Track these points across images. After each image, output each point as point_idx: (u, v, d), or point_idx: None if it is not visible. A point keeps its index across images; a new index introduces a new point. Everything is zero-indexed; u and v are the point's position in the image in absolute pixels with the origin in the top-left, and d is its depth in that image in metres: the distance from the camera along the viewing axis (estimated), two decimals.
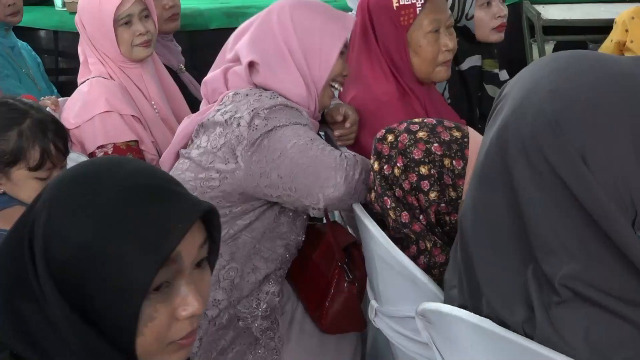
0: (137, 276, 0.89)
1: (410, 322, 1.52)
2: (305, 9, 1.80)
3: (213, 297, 1.73)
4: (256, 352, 1.78)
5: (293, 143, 1.64)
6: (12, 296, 0.94)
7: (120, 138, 2.24)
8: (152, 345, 0.94)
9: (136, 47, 2.31)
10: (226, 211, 1.72)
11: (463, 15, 2.18)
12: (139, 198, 0.93)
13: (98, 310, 0.90)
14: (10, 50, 3.18)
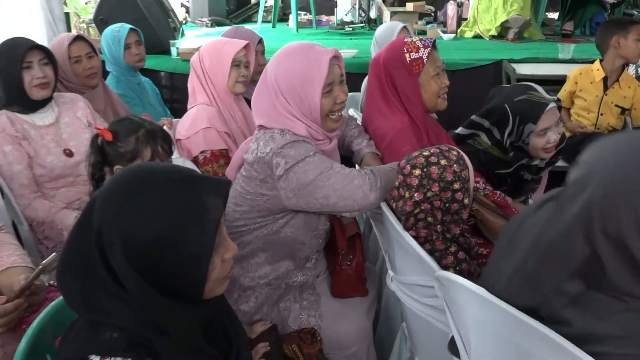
0: (203, 245, 0.91)
1: (416, 288, 1.51)
2: (284, 64, 1.62)
3: (265, 272, 1.71)
4: (301, 303, 1.75)
5: (316, 174, 1.54)
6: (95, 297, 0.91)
7: (215, 146, 2.25)
8: (213, 284, 0.96)
9: (238, 83, 2.35)
10: (270, 217, 1.66)
11: (520, 139, 1.98)
12: (183, 186, 0.92)
13: (174, 278, 0.90)
14: (137, 86, 3.23)
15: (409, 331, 1.74)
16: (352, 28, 6.07)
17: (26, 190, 2.13)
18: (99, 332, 0.91)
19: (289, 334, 1.68)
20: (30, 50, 2.16)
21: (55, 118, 2.28)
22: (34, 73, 2.15)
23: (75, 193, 2.24)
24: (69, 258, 0.94)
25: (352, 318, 1.77)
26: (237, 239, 1.69)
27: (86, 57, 2.66)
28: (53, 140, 2.22)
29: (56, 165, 2.19)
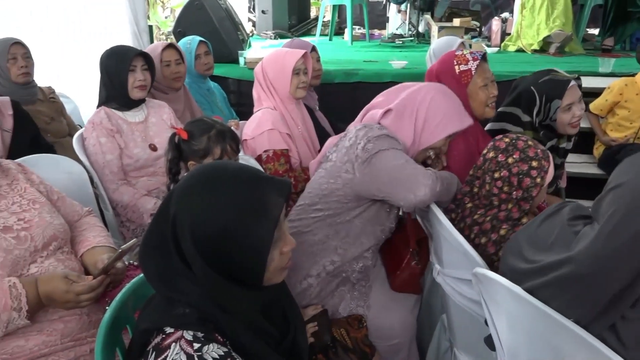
0: (262, 240, 0.92)
1: (461, 281, 1.48)
2: (443, 96, 1.73)
3: (331, 259, 1.70)
4: (352, 294, 1.74)
5: (393, 163, 1.59)
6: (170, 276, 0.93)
7: (277, 146, 2.30)
8: (271, 274, 0.97)
9: (299, 89, 2.40)
10: (345, 204, 1.69)
11: (548, 117, 1.99)
12: (249, 184, 0.93)
13: (236, 267, 0.92)
14: (207, 91, 3.28)
15: (449, 323, 1.70)
16: (402, 41, 6.01)
17: (115, 177, 2.21)
18: (173, 307, 0.93)
19: (337, 319, 1.67)
20: (136, 56, 2.25)
21: (144, 117, 2.36)
22: (136, 76, 2.24)
23: (155, 182, 2.30)
24: (149, 240, 0.97)
25: (398, 312, 1.75)
26: (311, 224, 1.72)
27: (175, 62, 2.75)
28: (141, 135, 2.30)
29: (141, 156, 2.26)
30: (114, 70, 2.26)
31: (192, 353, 0.86)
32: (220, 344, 0.90)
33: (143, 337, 0.94)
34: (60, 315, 1.33)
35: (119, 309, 1.10)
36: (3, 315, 1.19)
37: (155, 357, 0.88)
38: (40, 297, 1.26)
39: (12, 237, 1.31)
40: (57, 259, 1.39)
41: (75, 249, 1.52)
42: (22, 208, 1.39)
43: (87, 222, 1.61)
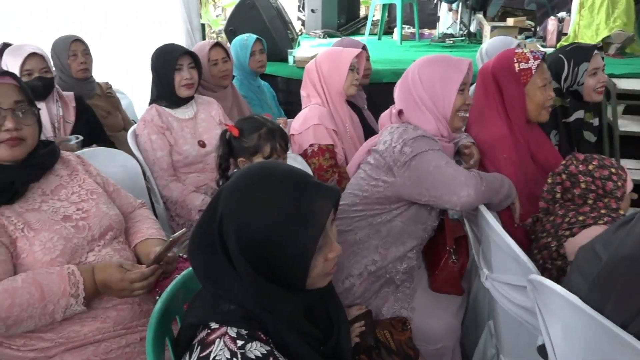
0: (306, 246, 0.90)
1: (510, 287, 1.44)
2: (428, 65, 1.69)
3: (373, 258, 1.69)
4: (396, 295, 1.72)
5: (434, 165, 1.56)
6: (217, 273, 0.94)
7: (323, 141, 2.33)
8: (315, 279, 0.96)
9: (352, 85, 2.44)
10: (386, 206, 1.68)
11: (575, 82, 2.09)
12: (296, 190, 0.92)
13: (279, 271, 0.91)
14: (257, 89, 3.32)
15: (496, 329, 1.66)
16: (452, 41, 5.89)
17: (165, 173, 2.27)
18: (219, 303, 0.94)
19: (381, 320, 1.66)
20: (182, 55, 2.30)
21: (194, 114, 2.41)
22: (183, 74, 2.29)
23: (204, 179, 2.35)
24: (198, 236, 0.98)
25: (442, 316, 1.72)
26: (352, 224, 1.72)
27: (222, 60, 2.79)
28: (190, 132, 2.35)
29: (190, 153, 2.31)
30: (161, 69, 2.32)
31: (235, 350, 0.87)
32: (263, 342, 0.90)
33: (189, 330, 0.95)
34: (114, 303, 1.37)
35: (169, 300, 1.12)
36: (62, 300, 1.24)
37: (200, 352, 0.89)
38: (97, 285, 1.30)
39: (72, 226, 1.37)
40: (113, 249, 1.44)
41: (129, 240, 1.56)
42: (80, 198, 1.45)
43: (140, 214, 1.65)
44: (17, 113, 1.31)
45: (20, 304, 1.19)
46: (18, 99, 1.32)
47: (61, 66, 2.80)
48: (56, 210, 1.38)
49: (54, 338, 1.30)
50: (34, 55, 2.45)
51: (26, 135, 1.34)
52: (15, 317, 1.19)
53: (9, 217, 1.29)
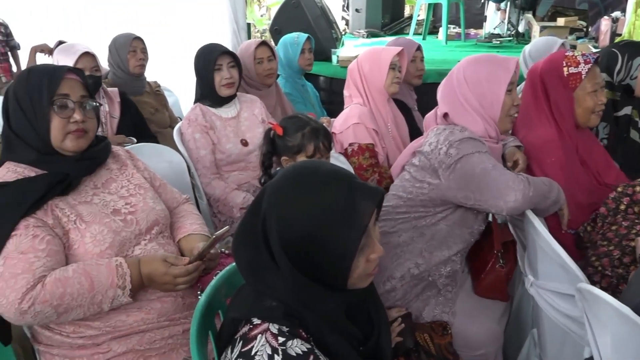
0: (348, 246, 0.90)
1: (556, 295, 1.40)
2: (473, 65, 1.64)
3: (416, 261, 1.66)
4: (437, 299, 1.69)
5: (480, 168, 1.51)
6: (260, 270, 0.95)
7: (363, 140, 2.33)
8: (356, 280, 0.96)
9: (393, 84, 2.43)
10: (430, 209, 1.66)
11: (628, 76, 2.06)
12: (339, 190, 0.91)
13: (320, 270, 0.91)
14: (301, 87, 3.35)
15: (540, 338, 1.61)
16: (499, 41, 5.76)
17: (208, 171, 2.31)
18: (261, 299, 0.95)
19: (421, 324, 1.64)
20: (221, 54, 2.33)
21: (236, 113, 2.44)
22: (222, 74, 2.33)
23: (246, 177, 2.38)
24: (242, 232, 0.99)
25: (485, 322, 1.68)
26: (396, 225, 1.70)
27: (267, 59, 2.82)
28: (233, 131, 2.38)
29: (233, 152, 2.34)
30: (202, 69, 2.36)
31: (276, 346, 0.87)
32: (304, 340, 0.90)
33: (232, 325, 0.97)
34: (158, 295, 1.41)
35: (213, 295, 1.15)
36: (109, 291, 1.29)
37: (242, 347, 0.90)
38: (142, 277, 1.34)
39: (120, 220, 1.41)
40: (158, 243, 1.48)
41: (173, 235, 1.60)
42: (129, 192, 1.49)
43: (184, 210, 1.69)
44: (84, 106, 1.39)
45: (71, 293, 1.24)
46: (83, 93, 1.39)
47: (119, 61, 2.92)
48: (106, 204, 1.42)
49: (102, 326, 1.35)
50: (85, 54, 2.58)
51: (89, 128, 1.40)
52: (66, 305, 1.24)
53: (63, 209, 1.34)
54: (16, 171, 1.34)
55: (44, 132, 1.33)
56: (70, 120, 1.35)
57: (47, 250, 1.26)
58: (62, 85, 1.34)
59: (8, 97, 1.36)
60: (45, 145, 1.35)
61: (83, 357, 1.34)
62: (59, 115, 1.34)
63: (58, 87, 1.34)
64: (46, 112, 1.32)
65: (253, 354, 0.88)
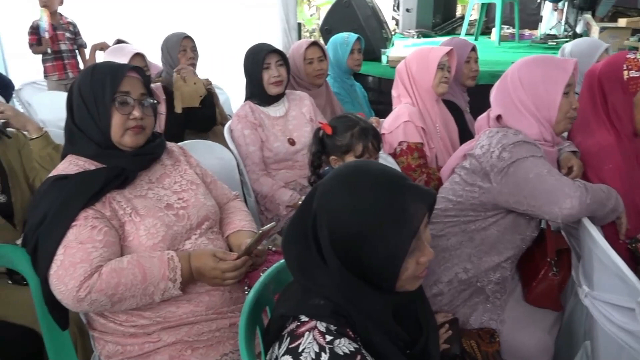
0: (398, 248, 0.89)
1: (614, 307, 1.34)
2: (529, 66, 1.60)
3: (464, 266, 1.65)
4: (485, 306, 1.65)
5: (535, 173, 1.46)
6: (309, 268, 0.95)
7: (412, 139, 2.30)
8: (404, 282, 0.95)
9: (441, 84, 2.38)
10: (481, 213, 1.63)
11: None
12: (391, 191, 0.90)
13: (369, 271, 0.91)
14: (350, 87, 3.35)
15: (593, 352, 1.55)
16: (555, 42, 5.57)
17: (256, 168, 2.34)
18: (309, 297, 0.95)
19: (468, 330, 1.61)
20: (269, 53, 2.37)
21: (285, 111, 2.46)
22: (271, 72, 2.36)
23: (292, 175, 2.40)
24: (292, 229, 1.00)
25: (535, 331, 1.63)
26: (445, 229, 1.68)
27: (317, 59, 2.84)
28: (281, 130, 2.41)
29: (280, 150, 2.37)
30: (250, 68, 2.40)
31: (323, 344, 0.88)
32: (351, 339, 0.90)
33: (279, 321, 0.97)
34: (207, 289, 1.44)
35: (261, 291, 1.16)
36: (161, 283, 1.33)
37: (290, 343, 0.91)
38: (192, 271, 1.38)
39: (173, 214, 1.45)
40: (207, 238, 1.51)
41: (222, 230, 1.63)
42: (181, 188, 1.53)
43: (234, 206, 1.72)
44: (143, 103, 1.44)
45: (125, 284, 1.29)
46: (143, 91, 1.44)
47: (171, 60, 3.00)
48: (160, 198, 1.47)
49: (152, 317, 1.39)
50: (136, 55, 2.68)
51: (147, 125, 1.45)
52: (120, 295, 1.29)
53: (120, 202, 1.39)
54: (77, 164, 1.40)
55: (105, 127, 1.39)
56: (129, 116, 1.40)
57: (104, 241, 1.31)
58: (124, 83, 1.40)
59: (73, 92, 1.42)
60: (105, 139, 1.40)
61: (134, 345, 1.38)
62: (119, 112, 1.39)
63: (120, 84, 1.39)
64: (108, 108, 1.38)
65: (300, 351, 0.88)
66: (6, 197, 1.80)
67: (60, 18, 4.25)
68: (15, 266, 1.41)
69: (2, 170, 1.84)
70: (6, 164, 1.85)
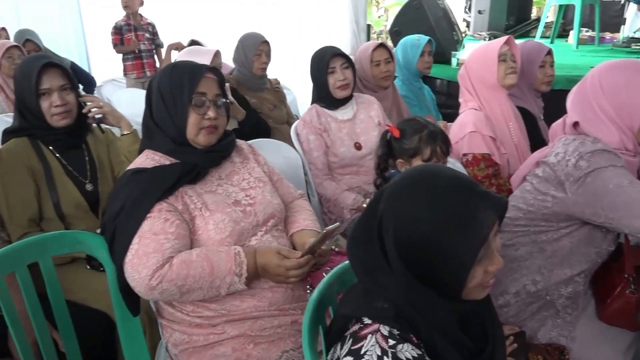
0: (466, 255, 0.86)
1: None
2: (611, 71, 1.50)
3: (534, 278, 1.59)
4: (555, 321, 1.58)
5: (615, 184, 1.37)
6: (373, 270, 0.94)
7: (477, 150, 2.18)
8: (471, 290, 0.92)
9: (508, 75, 2.25)
10: (553, 223, 1.55)
11: None
12: (461, 196, 0.88)
13: (435, 277, 0.89)
14: (418, 90, 3.32)
15: None
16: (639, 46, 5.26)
17: (320, 172, 2.36)
18: (373, 299, 0.94)
19: (535, 345, 1.55)
20: (334, 57, 2.38)
21: (353, 114, 2.47)
22: (336, 76, 2.37)
23: (357, 181, 2.39)
24: (357, 231, 0.99)
25: (608, 352, 1.54)
26: (513, 238, 1.62)
27: (384, 61, 2.82)
28: (348, 134, 2.41)
29: (346, 155, 2.37)
30: (316, 73, 2.43)
31: (386, 348, 0.87)
32: (415, 345, 0.89)
33: (342, 322, 0.97)
34: (270, 285, 1.47)
35: (325, 290, 1.17)
36: (227, 277, 1.37)
37: (352, 344, 0.91)
38: (257, 267, 1.41)
39: (240, 211, 1.49)
40: (272, 236, 1.54)
41: (286, 228, 1.66)
42: (249, 185, 1.57)
43: (298, 205, 1.74)
44: (218, 104, 1.48)
45: (194, 276, 1.34)
46: (218, 92, 1.49)
47: (245, 61, 3.10)
48: (229, 195, 1.51)
49: (218, 309, 1.43)
50: (216, 54, 2.77)
51: (220, 124, 1.50)
52: (188, 287, 1.34)
53: (191, 197, 1.44)
54: (153, 159, 1.47)
55: (181, 125, 1.44)
56: (204, 116, 1.45)
57: (176, 233, 1.37)
58: (201, 83, 1.44)
59: (152, 89, 1.49)
60: (180, 137, 1.46)
61: (200, 336, 1.43)
62: (195, 112, 1.44)
63: (197, 85, 1.44)
64: (185, 108, 1.43)
65: (362, 353, 0.88)
66: (93, 186, 1.92)
67: (140, 19, 4.47)
68: (94, 253, 1.50)
69: (92, 161, 1.96)
70: (96, 156, 1.98)
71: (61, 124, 1.86)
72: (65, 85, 1.85)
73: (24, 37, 3.98)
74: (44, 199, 1.81)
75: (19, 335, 1.36)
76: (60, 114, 1.84)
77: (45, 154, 1.85)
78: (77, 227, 1.80)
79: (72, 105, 1.88)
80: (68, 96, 1.86)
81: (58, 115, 1.83)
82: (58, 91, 1.83)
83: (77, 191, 1.87)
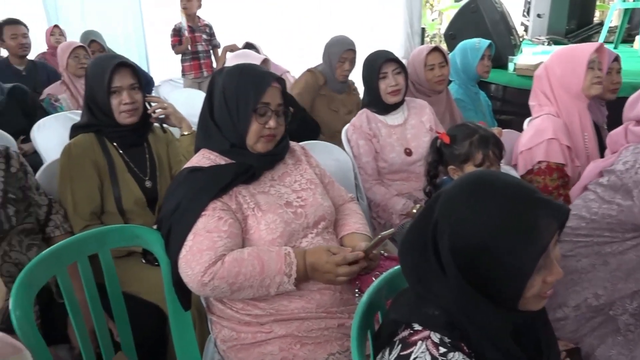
0: (525, 264, 0.84)
1: None
2: None
3: (596, 292, 1.53)
4: (615, 338, 1.52)
5: None
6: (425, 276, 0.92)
7: (553, 159, 2.02)
8: (528, 300, 0.90)
9: (593, 85, 2.10)
10: (618, 234, 1.49)
11: None
12: (520, 203, 0.85)
13: (491, 285, 0.86)
14: (474, 95, 3.27)
15: None
16: None
17: (369, 177, 2.36)
18: (423, 305, 0.93)
19: None
20: (386, 62, 2.36)
21: (404, 120, 2.44)
22: (388, 82, 2.36)
23: (407, 187, 2.37)
24: (411, 236, 0.98)
25: None
26: (575, 249, 1.57)
27: (439, 65, 2.79)
28: (398, 139, 2.39)
29: (395, 161, 2.35)
30: (367, 78, 2.42)
31: (437, 356, 0.86)
32: (465, 354, 0.87)
33: (391, 326, 0.97)
34: (319, 287, 1.48)
35: (374, 295, 1.17)
36: (277, 277, 1.38)
37: (401, 350, 0.90)
38: (306, 268, 1.42)
39: (292, 212, 1.50)
40: (322, 238, 1.54)
41: (336, 231, 1.66)
42: (301, 187, 1.59)
43: (349, 208, 1.74)
44: (279, 114, 1.51)
45: (245, 274, 1.36)
46: (280, 102, 1.51)
47: (330, 65, 3.22)
48: (281, 196, 1.53)
49: (266, 308, 1.45)
50: (264, 61, 2.86)
51: (278, 133, 1.53)
52: (239, 284, 1.37)
53: (245, 197, 1.47)
54: (210, 158, 1.51)
55: (242, 132, 1.47)
56: (265, 125, 1.48)
57: (229, 232, 1.40)
58: (267, 94, 1.47)
59: (214, 89, 1.52)
60: (240, 142, 1.49)
61: (248, 333, 1.46)
62: (257, 121, 1.46)
63: (263, 95, 1.46)
64: (248, 116, 1.46)
65: (412, 359, 0.88)
66: (152, 183, 2.00)
67: (198, 21, 4.60)
68: (150, 247, 1.55)
69: (152, 159, 2.04)
70: (156, 154, 2.06)
71: (128, 122, 1.94)
72: (134, 84, 1.93)
73: (89, 38, 4.18)
74: (107, 193, 1.89)
75: (78, 323, 1.42)
76: (128, 112, 1.92)
77: (110, 150, 1.94)
78: (134, 222, 1.87)
79: (139, 103, 1.97)
80: (136, 95, 1.94)
81: (126, 112, 1.92)
82: (128, 90, 1.91)
83: (137, 187, 1.94)
